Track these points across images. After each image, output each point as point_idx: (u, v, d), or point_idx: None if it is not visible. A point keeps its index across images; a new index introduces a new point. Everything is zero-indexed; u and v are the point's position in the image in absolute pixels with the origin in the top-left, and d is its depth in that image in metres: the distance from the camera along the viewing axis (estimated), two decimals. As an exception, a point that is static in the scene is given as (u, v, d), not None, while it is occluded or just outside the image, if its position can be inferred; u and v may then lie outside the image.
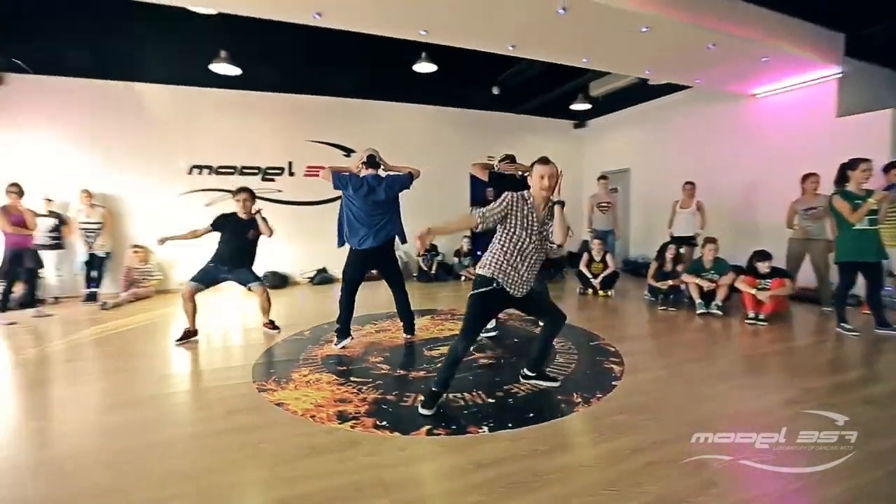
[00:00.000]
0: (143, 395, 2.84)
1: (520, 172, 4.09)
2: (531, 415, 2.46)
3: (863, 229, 3.92)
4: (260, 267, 6.97)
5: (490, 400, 2.65)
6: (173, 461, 2.03)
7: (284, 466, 1.98)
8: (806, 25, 4.79)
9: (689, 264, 5.45)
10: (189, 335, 3.94)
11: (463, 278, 7.55)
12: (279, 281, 7.02)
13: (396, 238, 3.83)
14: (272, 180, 7.13)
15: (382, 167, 3.86)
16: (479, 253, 7.93)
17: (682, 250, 6.14)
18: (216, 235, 4.08)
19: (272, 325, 4.27)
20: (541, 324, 2.87)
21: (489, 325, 4.09)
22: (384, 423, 2.37)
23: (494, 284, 2.51)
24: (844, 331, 4.00)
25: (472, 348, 3.60)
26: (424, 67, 6.56)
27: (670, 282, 5.22)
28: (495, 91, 8.41)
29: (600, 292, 5.93)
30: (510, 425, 2.34)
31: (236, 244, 4.06)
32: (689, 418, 2.38)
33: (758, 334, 4.10)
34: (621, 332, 4.20)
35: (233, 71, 5.71)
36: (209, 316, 4.80)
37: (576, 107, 7.85)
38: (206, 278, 3.98)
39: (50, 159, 6.03)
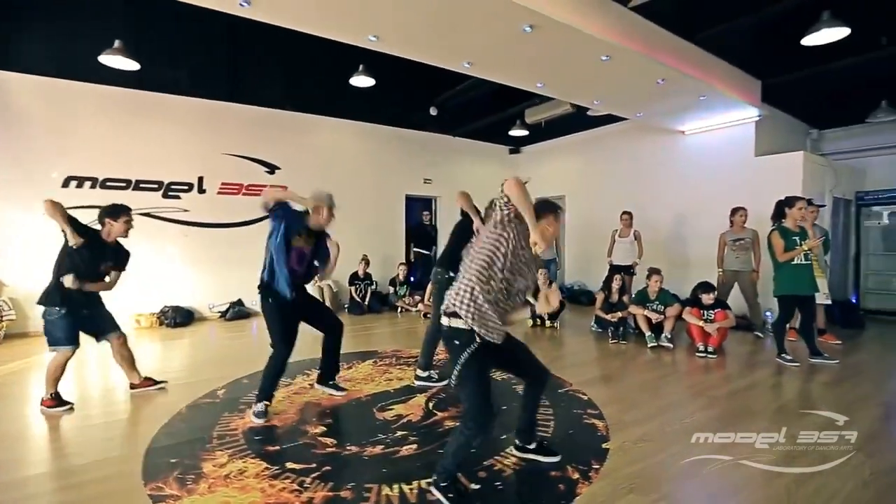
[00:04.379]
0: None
1: None
2: (529, 506, 1.99)
3: (799, 264, 4.10)
4: (158, 299, 5.88)
5: (474, 485, 2.13)
6: None
7: None
8: (734, 69, 5.11)
9: (631, 294, 5.46)
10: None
11: (400, 310, 6.96)
12: (184, 317, 5.86)
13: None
14: (177, 197, 6.02)
15: None
16: (412, 279, 7.50)
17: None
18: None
19: (152, 381, 3.42)
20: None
21: (436, 376, 3.57)
22: (343, 542, 1.75)
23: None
24: (785, 361, 4.12)
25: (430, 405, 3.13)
26: (362, 81, 6.03)
27: (620, 314, 5.15)
28: (433, 112, 8.14)
29: (548, 324, 5.72)
30: (510, 527, 1.84)
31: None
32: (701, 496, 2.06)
33: (715, 368, 4.09)
34: (585, 374, 3.90)
35: (129, 66, 4.69)
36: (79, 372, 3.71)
37: (514, 132, 7.83)
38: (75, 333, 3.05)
39: None
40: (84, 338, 3.11)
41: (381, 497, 2.03)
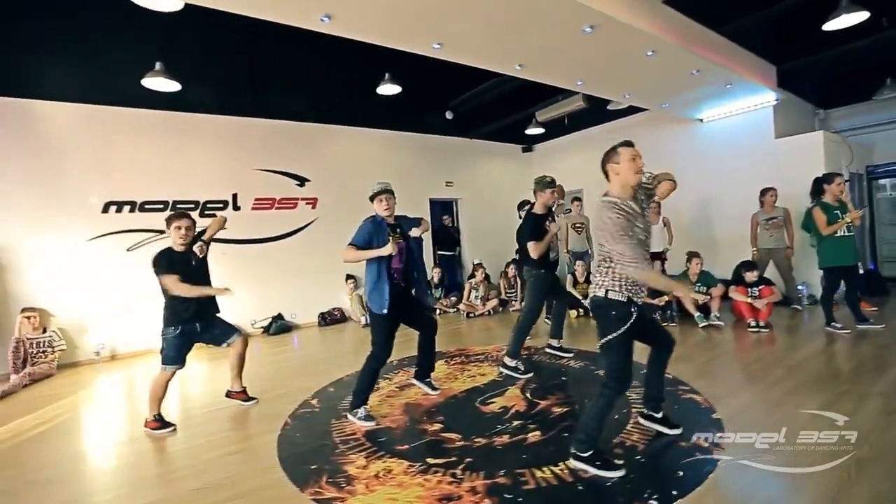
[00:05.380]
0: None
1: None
2: (680, 473, 2.10)
3: (842, 236, 4.31)
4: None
5: (618, 460, 2.24)
6: None
7: None
8: (754, 56, 5.34)
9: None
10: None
11: (438, 311, 7.03)
12: (228, 335, 5.83)
13: None
14: (213, 215, 5.98)
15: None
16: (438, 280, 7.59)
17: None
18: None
19: (246, 394, 3.49)
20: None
21: (522, 367, 3.71)
22: (530, 521, 1.84)
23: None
24: (835, 329, 4.33)
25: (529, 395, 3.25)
26: (388, 90, 6.12)
27: (666, 297, 5.32)
28: (449, 116, 8.28)
29: (592, 314, 5.87)
30: (675, 493, 1.95)
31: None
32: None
33: (773, 341, 4.28)
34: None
35: (171, 87, 4.70)
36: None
37: (530, 131, 8.00)
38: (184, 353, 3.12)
39: None
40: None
41: (538, 479, 2.13)
